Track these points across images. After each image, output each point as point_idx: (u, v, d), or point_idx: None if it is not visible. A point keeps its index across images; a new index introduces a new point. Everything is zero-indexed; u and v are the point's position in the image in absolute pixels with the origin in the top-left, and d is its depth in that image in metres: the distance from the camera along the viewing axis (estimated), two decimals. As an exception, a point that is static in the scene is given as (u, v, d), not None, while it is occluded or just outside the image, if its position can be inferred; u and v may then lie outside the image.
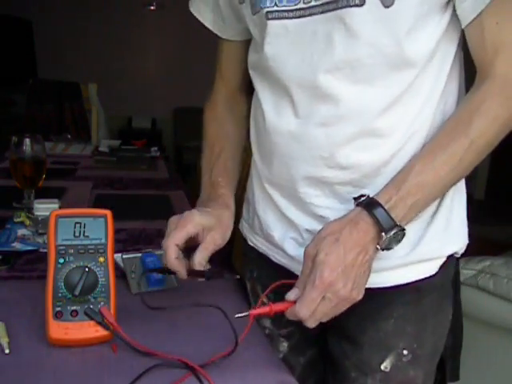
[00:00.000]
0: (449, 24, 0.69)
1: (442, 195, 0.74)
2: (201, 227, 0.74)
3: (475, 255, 1.70)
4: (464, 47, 0.73)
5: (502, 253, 2.07)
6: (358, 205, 0.67)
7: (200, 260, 0.73)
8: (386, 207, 0.65)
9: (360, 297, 0.65)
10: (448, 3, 0.68)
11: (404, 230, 0.65)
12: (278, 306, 0.66)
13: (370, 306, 0.71)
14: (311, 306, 0.62)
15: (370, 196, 0.67)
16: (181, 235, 0.72)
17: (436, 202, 0.75)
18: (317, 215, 0.76)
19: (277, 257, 0.84)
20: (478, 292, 1.63)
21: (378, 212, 0.64)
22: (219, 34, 0.90)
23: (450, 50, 0.72)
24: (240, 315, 0.66)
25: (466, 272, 1.64)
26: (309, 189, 0.75)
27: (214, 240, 0.75)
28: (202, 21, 0.90)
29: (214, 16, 0.88)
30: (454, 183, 0.72)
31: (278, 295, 0.68)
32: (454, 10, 0.68)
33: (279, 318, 0.91)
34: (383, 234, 0.64)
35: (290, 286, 0.67)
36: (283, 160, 0.76)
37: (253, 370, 0.67)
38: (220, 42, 0.93)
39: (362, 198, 0.67)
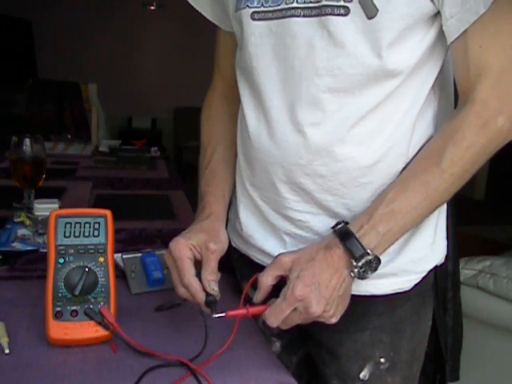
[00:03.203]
0: (435, 38, 0.69)
1: (419, 223, 0.73)
2: (192, 247, 0.72)
3: (475, 255, 1.70)
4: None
5: (501, 253, 2.07)
6: (333, 232, 0.68)
7: (206, 276, 0.70)
8: (357, 236, 0.65)
9: (334, 321, 0.66)
10: (435, 17, 0.67)
11: (378, 258, 0.66)
12: (255, 309, 0.67)
13: (344, 318, 0.71)
14: (279, 316, 0.64)
15: (346, 223, 0.68)
16: (187, 265, 0.70)
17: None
18: (296, 219, 0.76)
19: (257, 256, 0.84)
20: (477, 292, 1.63)
21: (349, 240, 0.65)
22: (218, 23, 0.89)
23: (436, 64, 0.71)
24: (217, 315, 0.66)
25: (466, 272, 1.64)
26: (288, 194, 0.75)
27: (209, 249, 0.72)
28: (200, 11, 0.88)
29: (213, 5, 0.86)
30: (432, 211, 0.71)
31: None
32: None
33: None
34: (353, 261, 0.64)
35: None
36: (263, 165, 0.76)
37: (252, 370, 0.67)
38: (218, 34, 0.92)
39: (338, 226, 0.68)
